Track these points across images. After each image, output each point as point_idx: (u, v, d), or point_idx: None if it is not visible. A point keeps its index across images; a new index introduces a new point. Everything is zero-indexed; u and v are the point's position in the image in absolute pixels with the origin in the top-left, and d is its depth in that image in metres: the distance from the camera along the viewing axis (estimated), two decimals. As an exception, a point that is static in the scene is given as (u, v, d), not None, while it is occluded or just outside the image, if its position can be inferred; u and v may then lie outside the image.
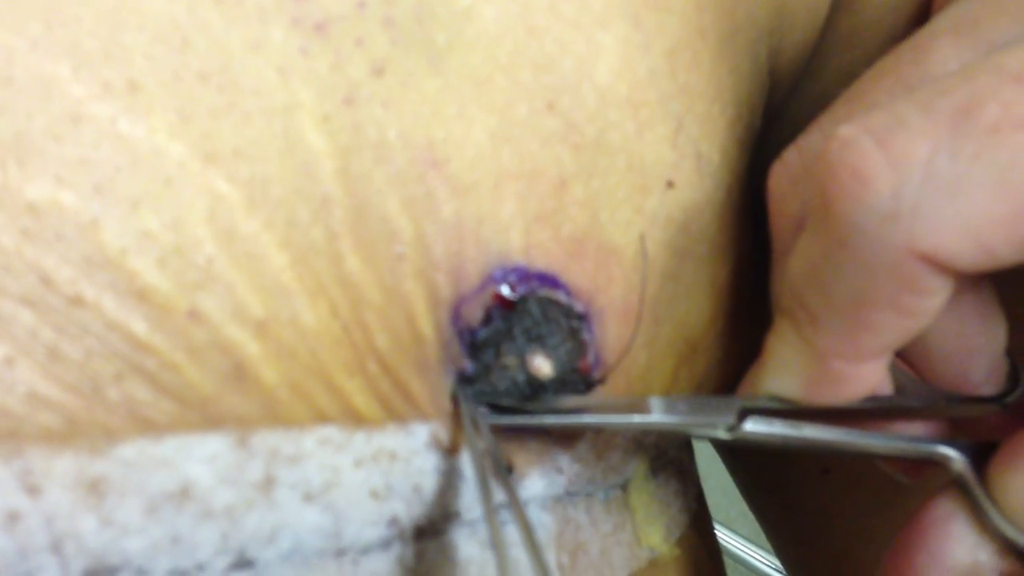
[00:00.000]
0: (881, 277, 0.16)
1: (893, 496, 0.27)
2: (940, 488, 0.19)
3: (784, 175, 0.19)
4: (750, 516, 0.36)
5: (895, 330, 0.17)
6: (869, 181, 0.15)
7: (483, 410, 0.18)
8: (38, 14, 0.15)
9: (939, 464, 0.19)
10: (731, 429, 0.19)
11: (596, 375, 0.20)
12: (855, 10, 0.26)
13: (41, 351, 0.14)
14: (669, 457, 0.25)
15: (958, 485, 0.18)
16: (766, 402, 0.19)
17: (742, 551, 0.94)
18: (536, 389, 0.19)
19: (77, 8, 0.15)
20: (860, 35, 0.26)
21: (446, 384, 0.18)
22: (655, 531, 0.24)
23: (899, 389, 0.19)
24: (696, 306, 0.22)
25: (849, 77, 0.26)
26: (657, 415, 0.19)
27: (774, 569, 0.92)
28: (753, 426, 0.19)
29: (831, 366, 0.18)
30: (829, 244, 0.16)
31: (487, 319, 0.18)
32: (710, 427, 0.19)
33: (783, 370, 0.19)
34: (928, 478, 0.20)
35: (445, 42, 0.18)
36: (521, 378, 0.19)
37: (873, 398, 0.19)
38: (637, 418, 0.19)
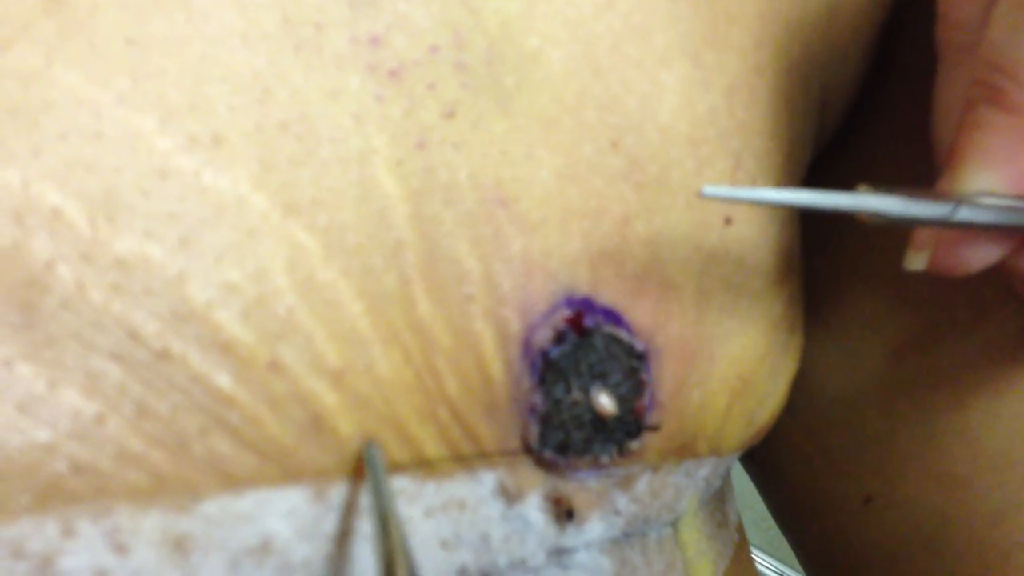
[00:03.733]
0: None
1: (937, 527, 0.27)
2: None
3: None
4: (762, 526, 0.36)
5: None
6: None
7: (549, 454, 0.18)
8: (124, 68, 0.15)
9: None
10: (950, 214, 0.18)
11: (651, 417, 0.20)
12: None
13: (130, 407, 0.14)
14: (715, 489, 0.25)
15: None
16: (976, 197, 0.18)
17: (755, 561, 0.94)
18: (598, 429, 0.19)
19: (162, 61, 0.15)
20: None
21: (514, 425, 0.18)
22: (705, 567, 0.24)
23: None
24: (750, 341, 0.22)
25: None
26: (879, 200, 0.17)
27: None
28: (967, 213, 0.18)
29: None
30: None
31: (559, 339, 0.18)
32: (928, 213, 0.18)
33: (988, 159, 0.17)
34: None
35: (514, 84, 0.18)
36: (587, 417, 0.19)
37: None
38: (863, 201, 0.17)
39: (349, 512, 0.16)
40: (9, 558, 0.13)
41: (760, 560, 0.94)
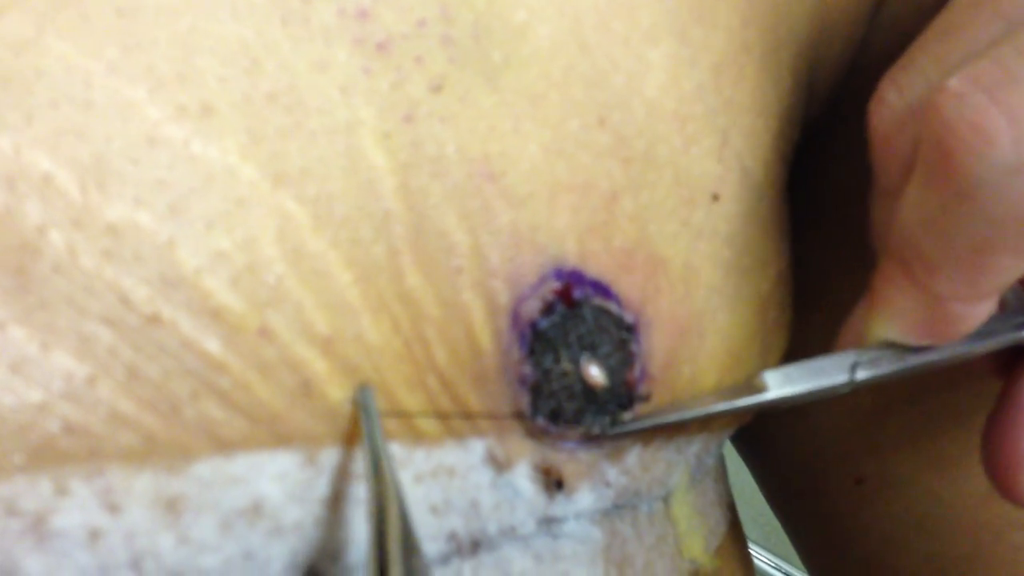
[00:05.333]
0: (1005, 226, 0.16)
1: (929, 507, 0.27)
2: None
3: (887, 116, 0.20)
4: (759, 521, 0.36)
5: (1015, 270, 0.17)
6: (990, 137, 0.16)
7: (541, 421, 0.19)
8: (114, 38, 0.15)
9: None
10: (846, 384, 0.20)
11: (641, 389, 0.20)
12: None
13: (121, 370, 0.14)
14: (707, 467, 0.25)
15: None
16: (876, 349, 0.20)
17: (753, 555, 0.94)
18: (589, 400, 0.19)
19: (152, 32, 0.15)
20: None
21: (504, 395, 0.18)
22: (696, 542, 0.24)
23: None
24: (739, 318, 0.22)
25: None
26: (776, 391, 0.20)
27: (782, 572, 0.93)
28: (864, 373, 0.20)
29: (947, 309, 0.18)
30: (949, 197, 0.17)
31: (548, 310, 0.18)
32: (827, 391, 0.20)
33: (895, 315, 0.19)
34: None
35: (501, 59, 0.18)
36: (578, 388, 0.19)
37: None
38: (758, 398, 0.20)
39: (340, 477, 0.16)
40: (3, 516, 0.14)
41: (758, 556, 0.94)
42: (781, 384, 0.20)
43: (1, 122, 0.14)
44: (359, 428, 0.16)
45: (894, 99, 0.19)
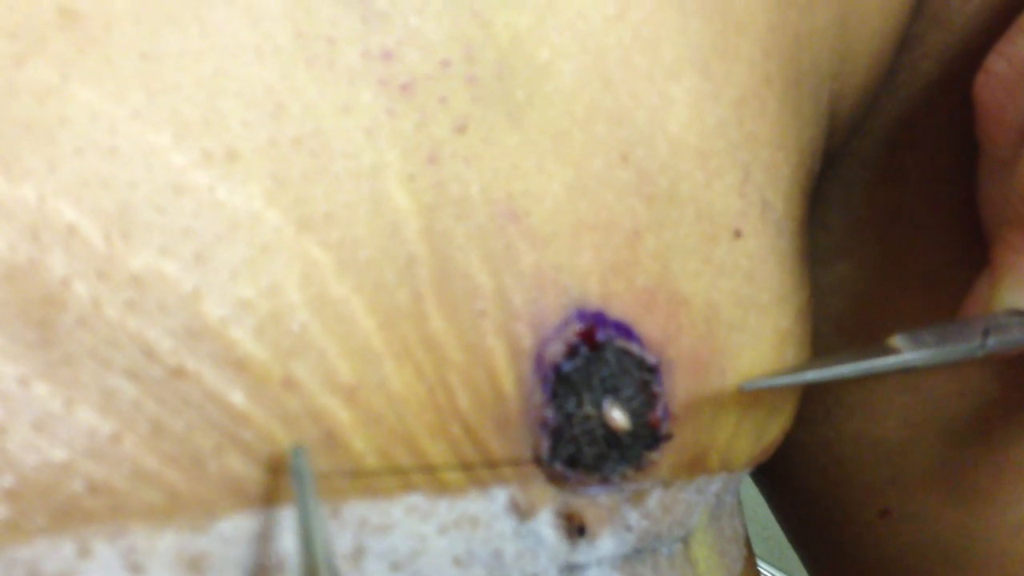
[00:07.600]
0: None
1: (956, 540, 0.26)
2: None
3: (996, 85, 0.20)
4: (763, 535, 0.35)
5: None
6: None
7: (559, 466, 0.18)
8: (139, 83, 0.15)
9: None
10: (978, 350, 0.20)
11: (664, 430, 0.20)
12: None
13: (145, 425, 0.14)
14: (725, 504, 0.25)
15: None
16: (1005, 317, 0.20)
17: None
18: (611, 444, 0.19)
19: (176, 76, 0.15)
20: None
21: (524, 440, 0.18)
22: (716, 583, 0.24)
23: None
24: (759, 355, 0.22)
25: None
26: (910, 354, 0.19)
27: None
28: (995, 341, 0.20)
29: None
30: None
31: (571, 353, 0.18)
32: (959, 354, 0.20)
33: (1020, 281, 0.19)
34: None
35: (524, 98, 0.18)
36: (600, 432, 0.19)
37: None
38: (894, 360, 0.19)
39: (362, 529, 0.16)
40: None
41: (764, 572, 0.93)
42: (912, 347, 0.19)
43: (24, 171, 0.14)
44: (384, 480, 0.16)
45: (1003, 68, 0.20)
